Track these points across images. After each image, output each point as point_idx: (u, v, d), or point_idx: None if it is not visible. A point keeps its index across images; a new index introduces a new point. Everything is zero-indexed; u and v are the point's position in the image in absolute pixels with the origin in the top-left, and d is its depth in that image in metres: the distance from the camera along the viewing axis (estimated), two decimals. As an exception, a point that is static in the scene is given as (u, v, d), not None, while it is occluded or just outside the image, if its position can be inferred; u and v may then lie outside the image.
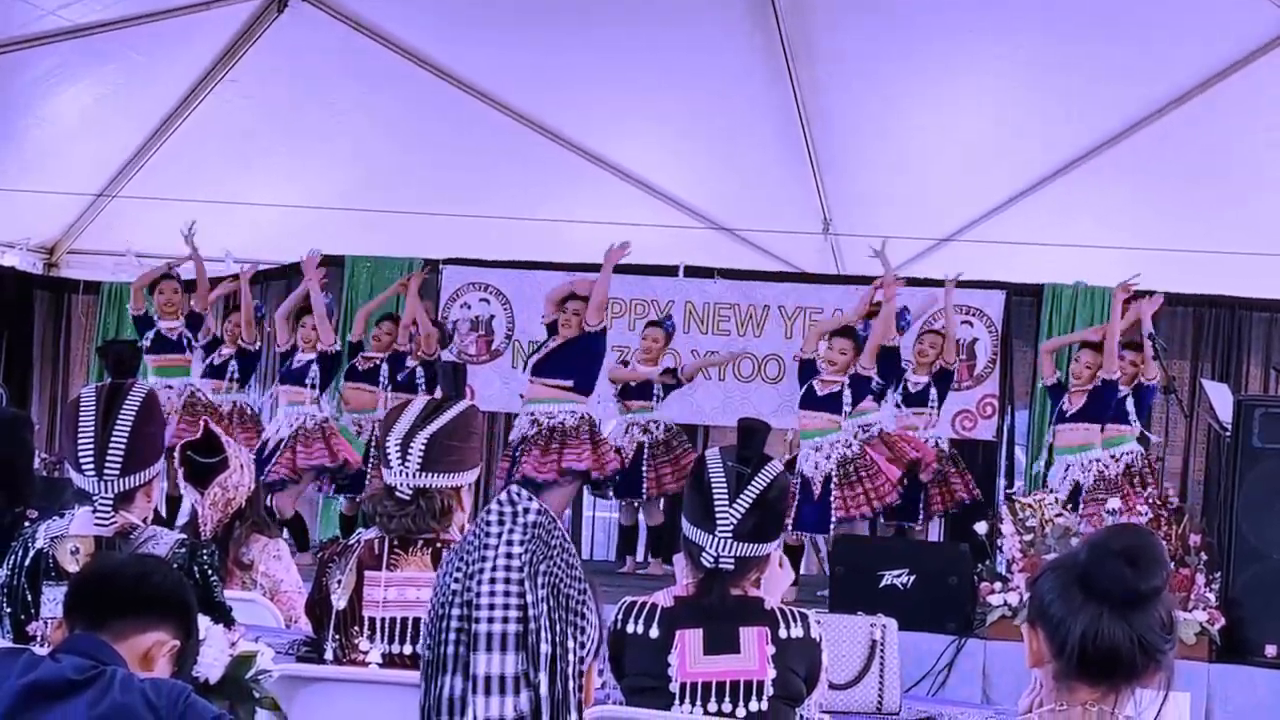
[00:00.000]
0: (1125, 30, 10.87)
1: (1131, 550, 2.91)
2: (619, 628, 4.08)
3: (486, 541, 2.17)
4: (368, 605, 4.30)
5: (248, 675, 3.59)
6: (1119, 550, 2.90)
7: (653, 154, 12.78)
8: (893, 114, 11.85)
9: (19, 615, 4.33)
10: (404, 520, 4.35)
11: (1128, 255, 11.88)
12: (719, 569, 4.05)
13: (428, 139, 12.65)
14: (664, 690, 4.01)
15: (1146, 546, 2.95)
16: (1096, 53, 11.05)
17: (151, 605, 3.19)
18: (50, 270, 14.23)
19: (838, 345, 10.13)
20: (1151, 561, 2.92)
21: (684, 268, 12.75)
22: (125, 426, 4.37)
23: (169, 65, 12.21)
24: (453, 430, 4.40)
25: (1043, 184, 12.14)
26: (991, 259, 12.24)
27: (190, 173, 12.76)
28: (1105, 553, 2.91)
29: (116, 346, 4.98)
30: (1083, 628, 2.87)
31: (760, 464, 4.14)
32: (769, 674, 3.99)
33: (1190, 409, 11.78)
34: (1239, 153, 11.37)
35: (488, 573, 2.13)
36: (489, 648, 2.09)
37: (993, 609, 7.81)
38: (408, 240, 12.88)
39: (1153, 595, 2.89)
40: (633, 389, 10.90)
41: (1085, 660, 2.87)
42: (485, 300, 12.95)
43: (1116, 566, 2.89)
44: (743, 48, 11.50)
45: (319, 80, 12.38)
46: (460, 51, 12.10)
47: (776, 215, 12.61)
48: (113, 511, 4.34)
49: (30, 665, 2.98)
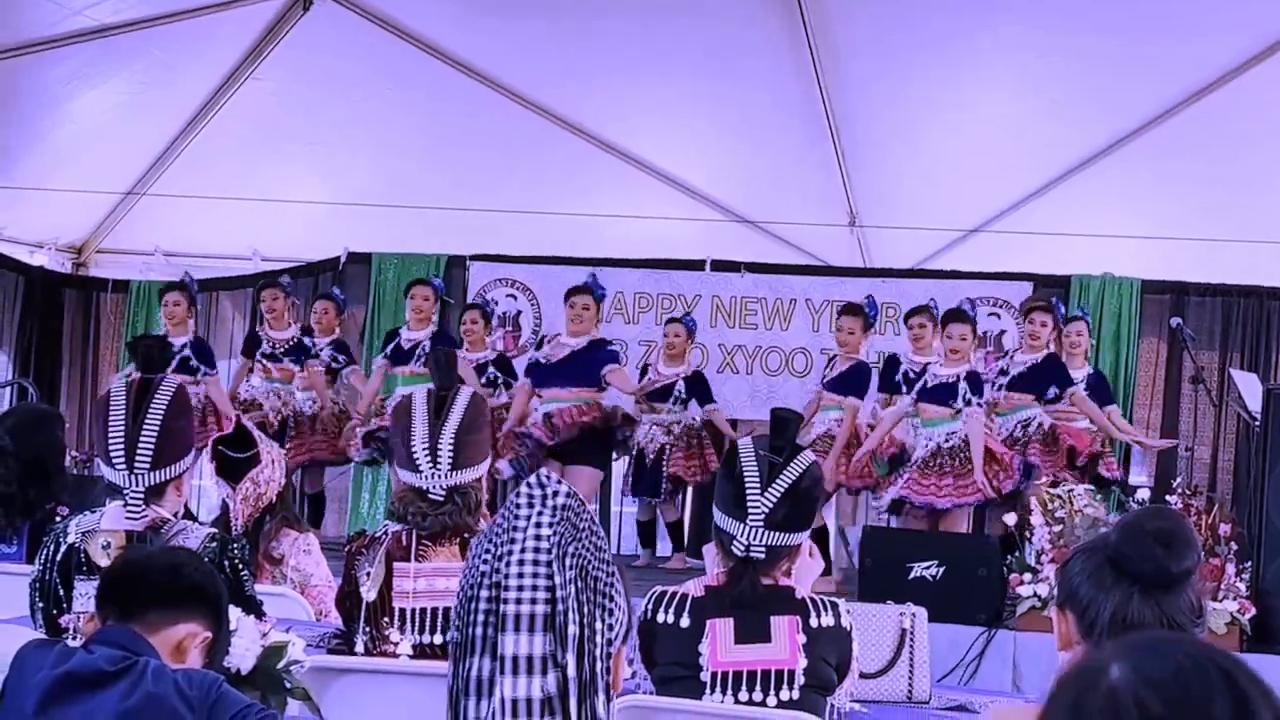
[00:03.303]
0: (1152, 20, 10.82)
1: (1163, 532, 2.92)
2: (649, 617, 4.08)
3: (515, 524, 2.18)
4: (397, 597, 4.32)
5: (279, 666, 3.60)
6: (1151, 532, 2.91)
7: (678, 148, 12.76)
8: (918, 106, 11.81)
9: (51, 610, 4.36)
10: (440, 519, 4.39)
11: (1156, 245, 11.87)
12: (750, 558, 4.06)
13: (454, 135, 12.66)
14: (695, 680, 4.01)
15: (1178, 529, 2.96)
16: (1123, 42, 11.00)
17: (183, 597, 3.20)
18: (79, 269, 14.28)
19: (846, 324, 10.27)
20: (1183, 544, 2.93)
21: (711, 262, 12.75)
22: (155, 421, 4.39)
23: (195, 64, 12.24)
24: (470, 424, 4.46)
25: (1070, 174, 12.08)
26: (1018, 250, 12.22)
27: (217, 171, 12.79)
28: (1138, 533, 2.92)
29: (146, 341, 5.00)
30: (1113, 608, 2.88)
31: (792, 453, 4.15)
32: (800, 663, 3.99)
33: (1219, 399, 11.72)
34: (1267, 142, 11.31)
35: (516, 554, 2.14)
36: (517, 628, 2.10)
37: (1022, 600, 7.79)
38: (434, 236, 12.90)
39: (1183, 577, 2.89)
40: (656, 390, 10.90)
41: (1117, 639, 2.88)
42: (512, 296, 12.95)
43: (1149, 547, 2.89)
44: (767, 41, 11.48)
45: (344, 77, 12.39)
46: (485, 46, 12.10)
47: (803, 208, 12.59)
48: (144, 505, 4.36)
49: (64, 656, 3.00)
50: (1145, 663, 1.60)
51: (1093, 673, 1.62)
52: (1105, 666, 1.62)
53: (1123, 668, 1.60)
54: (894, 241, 12.68)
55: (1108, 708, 1.57)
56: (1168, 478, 10.42)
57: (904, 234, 12.47)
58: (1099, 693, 1.59)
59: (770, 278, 12.67)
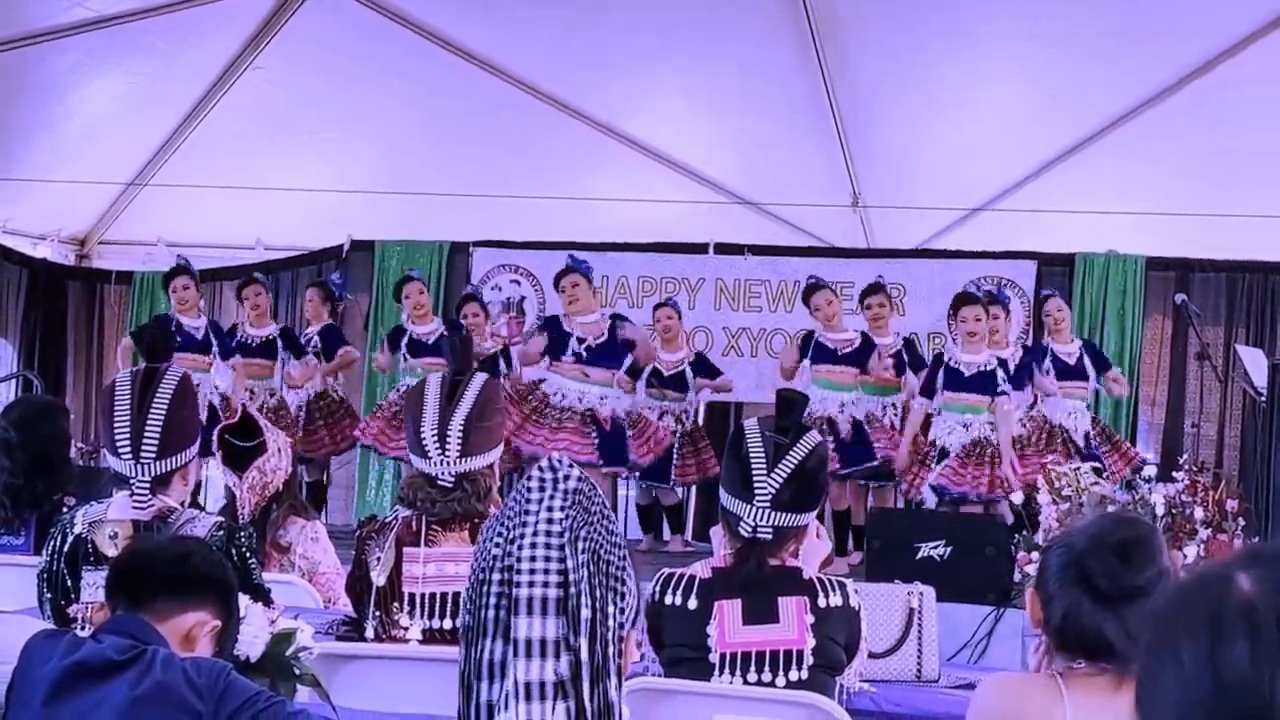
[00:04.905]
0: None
1: (1125, 544, 2.97)
2: (657, 599, 4.08)
3: (527, 508, 2.18)
4: (407, 581, 4.32)
5: (288, 652, 3.59)
6: (1113, 544, 2.96)
7: (680, 132, 12.74)
8: (920, 85, 11.79)
9: (59, 600, 4.36)
10: (449, 505, 4.39)
11: (1160, 222, 11.84)
12: (757, 539, 4.06)
13: (455, 121, 12.65)
14: (704, 661, 4.02)
15: (1142, 541, 2.99)
16: (1125, 19, 10.98)
17: (193, 586, 3.20)
18: (82, 261, 14.28)
19: (873, 301, 10.52)
20: (1144, 557, 2.98)
21: (714, 245, 12.74)
22: (161, 410, 4.39)
23: (196, 53, 12.23)
24: (481, 411, 4.45)
25: (1073, 152, 12.05)
26: (1022, 229, 12.20)
27: (219, 160, 12.78)
28: (1100, 545, 2.98)
29: (150, 331, 5.01)
30: (1063, 609, 2.96)
31: (798, 434, 4.15)
32: (809, 643, 3.99)
33: (1225, 375, 11.71)
34: (1269, 117, 11.27)
35: (529, 538, 2.14)
36: (530, 612, 2.10)
37: (1030, 579, 7.76)
38: (437, 223, 12.89)
39: (1140, 591, 2.94)
40: (666, 378, 10.92)
41: (1064, 638, 2.99)
42: (516, 281, 12.95)
43: (1108, 561, 2.95)
44: (769, 24, 11.46)
45: (345, 65, 12.37)
46: (484, 32, 12.08)
47: (806, 190, 12.58)
48: (150, 495, 4.36)
49: (73, 646, 3.00)
50: (1275, 572, 1.59)
51: (1219, 582, 1.60)
52: (1231, 575, 1.60)
53: (1251, 578, 1.58)
54: (898, 222, 12.66)
55: (1242, 617, 1.55)
56: (1174, 454, 10.42)
57: (907, 214, 12.45)
58: (1231, 603, 1.57)
59: (774, 260, 12.67)
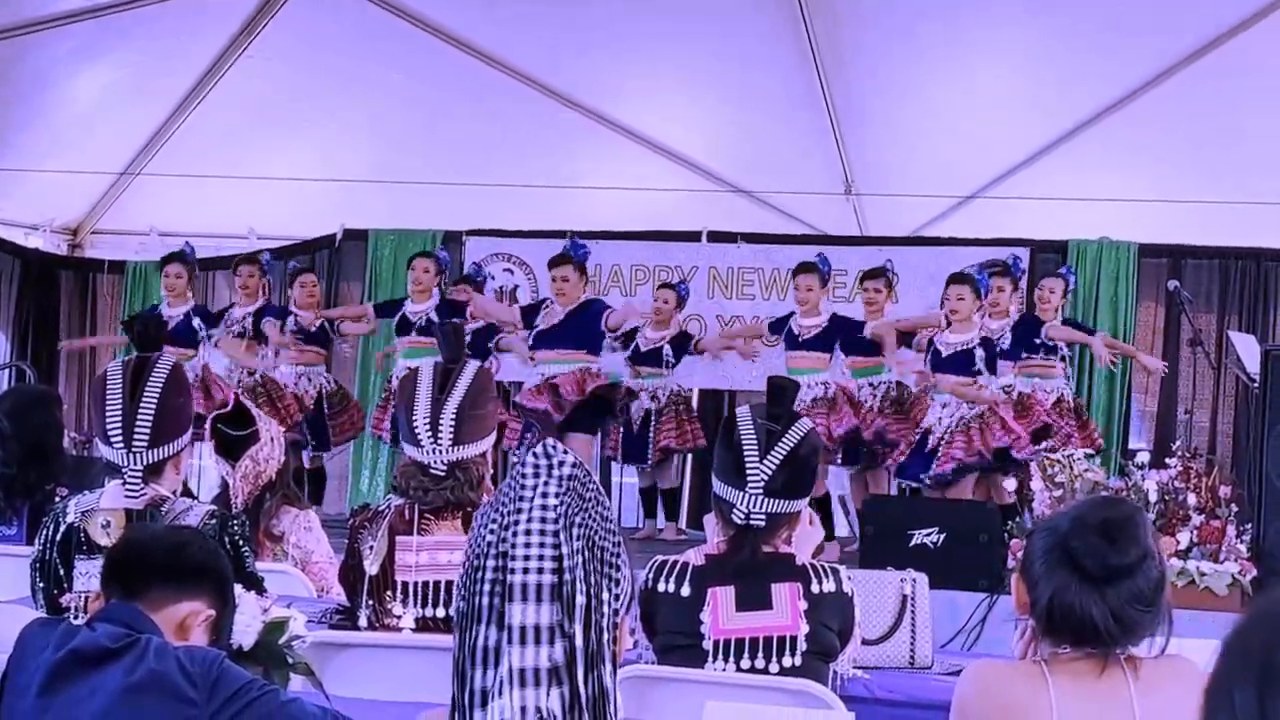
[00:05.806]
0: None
1: (1110, 524, 2.97)
2: (650, 587, 4.09)
3: (522, 494, 2.18)
4: (400, 570, 4.33)
5: (281, 641, 3.60)
6: (1097, 524, 2.97)
7: (673, 120, 12.74)
8: (912, 73, 11.78)
9: (51, 590, 4.36)
10: (441, 494, 4.39)
11: (1152, 208, 11.85)
12: (750, 526, 4.06)
13: (449, 110, 12.63)
14: (697, 648, 4.02)
15: (1125, 522, 3.00)
16: (1117, 6, 10.97)
17: (187, 575, 3.20)
18: (75, 251, 14.26)
19: (870, 285, 10.65)
20: (1128, 538, 2.98)
21: (707, 233, 12.74)
22: (152, 399, 4.39)
23: (188, 42, 12.20)
24: (474, 399, 4.46)
25: (1065, 139, 12.05)
26: (1016, 216, 12.20)
27: (212, 149, 12.75)
28: (1084, 526, 2.98)
29: (142, 319, 4.99)
30: (1050, 592, 2.95)
31: (790, 421, 4.16)
32: (802, 629, 4.00)
33: (1218, 361, 11.72)
34: (1264, 103, 11.27)
35: (523, 524, 2.15)
36: (524, 598, 2.11)
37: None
38: (430, 212, 12.89)
39: (1126, 571, 2.94)
40: (643, 354, 10.94)
41: (1052, 622, 2.99)
42: (509, 270, 12.95)
43: (1093, 541, 2.95)
44: (761, 9, 11.45)
45: (337, 54, 12.35)
46: (478, 21, 12.07)
47: (798, 178, 12.58)
48: (142, 484, 4.36)
49: (67, 635, 2.99)
50: None
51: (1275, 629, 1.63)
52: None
53: None
54: (891, 209, 12.66)
55: None
56: (1167, 441, 10.43)
57: (900, 202, 12.45)
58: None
59: (767, 248, 12.67)
